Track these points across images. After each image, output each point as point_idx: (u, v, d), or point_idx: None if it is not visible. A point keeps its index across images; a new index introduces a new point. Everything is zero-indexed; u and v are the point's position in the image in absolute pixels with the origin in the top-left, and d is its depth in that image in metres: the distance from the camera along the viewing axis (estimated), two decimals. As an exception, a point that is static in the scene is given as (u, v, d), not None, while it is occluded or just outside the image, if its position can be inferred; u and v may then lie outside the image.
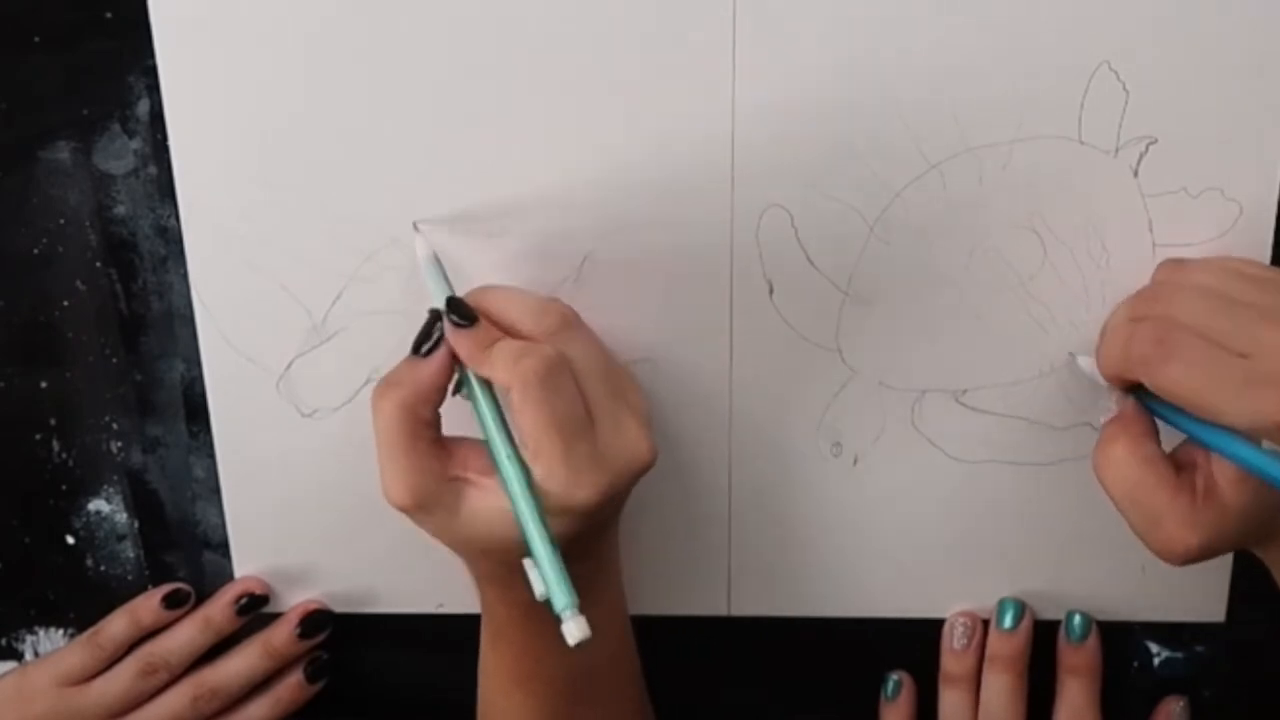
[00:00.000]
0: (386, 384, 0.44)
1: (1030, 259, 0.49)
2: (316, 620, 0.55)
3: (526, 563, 0.41)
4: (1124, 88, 0.47)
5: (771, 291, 0.50)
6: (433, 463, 0.44)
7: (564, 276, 0.50)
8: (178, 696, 0.54)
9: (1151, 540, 0.44)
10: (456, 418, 0.45)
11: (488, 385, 0.44)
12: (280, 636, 0.55)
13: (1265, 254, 0.49)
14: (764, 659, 0.57)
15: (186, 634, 0.54)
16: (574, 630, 0.40)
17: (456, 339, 0.44)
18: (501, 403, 0.44)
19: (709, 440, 0.52)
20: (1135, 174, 0.48)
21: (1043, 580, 0.54)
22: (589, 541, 0.46)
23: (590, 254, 0.49)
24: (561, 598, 0.40)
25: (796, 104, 0.47)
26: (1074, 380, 0.51)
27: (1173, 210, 0.48)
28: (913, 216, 0.49)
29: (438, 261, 0.47)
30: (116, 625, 0.54)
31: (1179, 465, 0.45)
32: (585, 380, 0.44)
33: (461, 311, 0.44)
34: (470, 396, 0.45)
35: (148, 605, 0.55)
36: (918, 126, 0.47)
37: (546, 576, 0.41)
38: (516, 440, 0.43)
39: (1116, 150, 0.48)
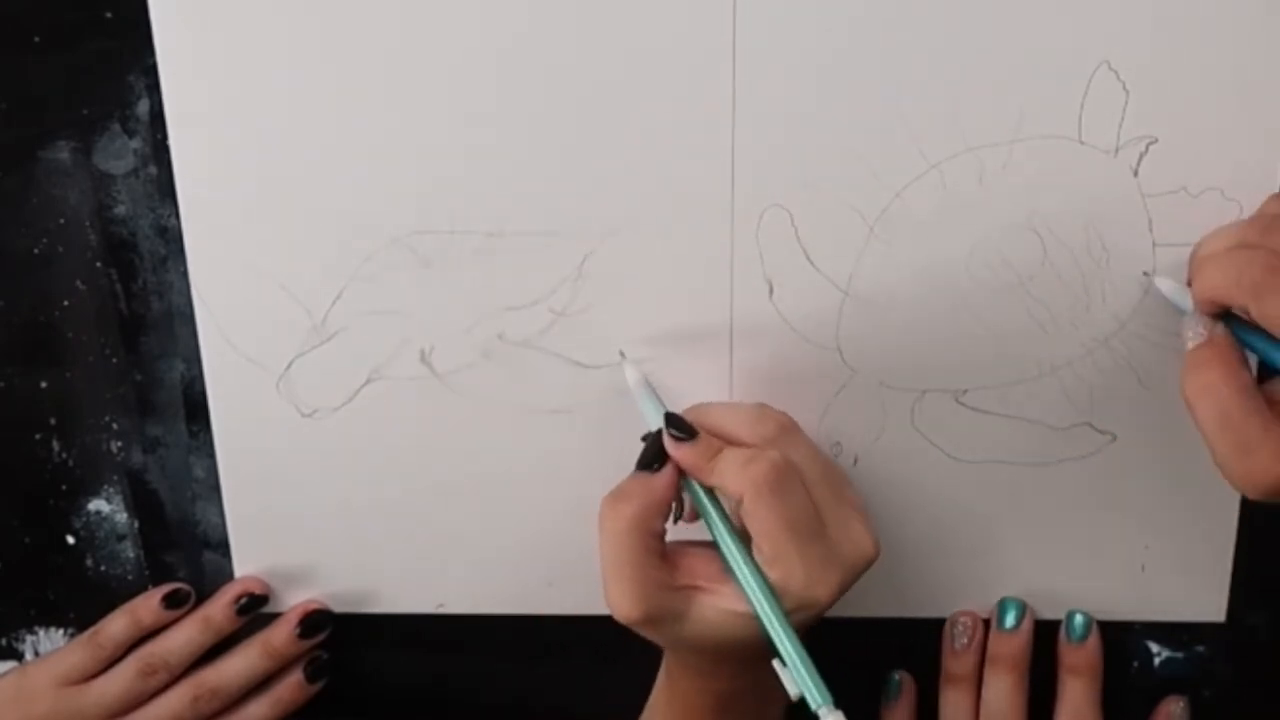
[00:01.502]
0: (615, 499, 0.45)
1: (1030, 259, 0.49)
2: (317, 620, 0.55)
3: (776, 664, 0.43)
4: (1124, 88, 0.47)
5: (771, 291, 0.50)
6: (661, 575, 0.45)
7: (564, 276, 0.50)
8: (177, 696, 0.54)
9: (1238, 469, 0.43)
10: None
11: (712, 496, 0.46)
12: (280, 636, 0.55)
13: (1265, 254, 0.49)
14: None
15: (186, 634, 0.54)
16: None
17: (680, 452, 0.45)
18: (729, 511, 0.45)
19: (709, 440, 0.52)
20: (1135, 174, 0.48)
21: (1043, 580, 0.54)
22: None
23: (590, 254, 0.49)
24: (818, 696, 0.42)
25: (796, 104, 0.47)
26: (1074, 380, 0.51)
27: (1173, 210, 0.48)
28: (913, 216, 0.49)
29: (648, 384, 0.49)
30: (116, 625, 0.54)
31: (1269, 399, 0.44)
32: (810, 483, 0.45)
33: (681, 426, 0.46)
34: (699, 507, 0.46)
35: (148, 605, 0.55)
36: (918, 126, 0.47)
37: (801, 678, 0.43)
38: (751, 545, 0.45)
39: (1116, 150, 0.48)
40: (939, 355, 0.51)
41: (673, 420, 0.46)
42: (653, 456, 0.46)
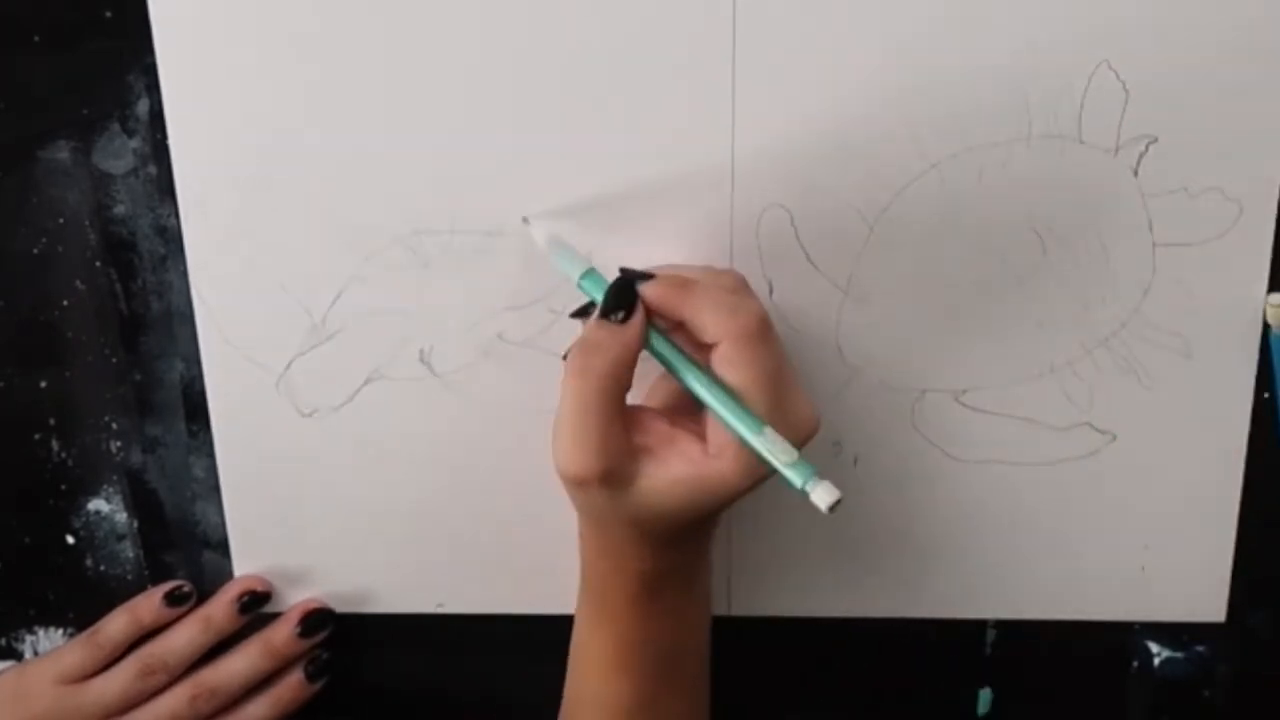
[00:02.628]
0: (583, 351, 0.43)
1: (1030, 259, 0.49)
2: (317, 619, 0.55)
3: (756, 442, 0.41)
4: (1124, 88, 0.47)
5: (771, 291, 0.50)
6: (622, 432, 0.43)
7: (564, 276, 0.50)
8: (176, 696, 0.54)
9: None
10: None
11: (675, 345, 0.44)
12: (281, 636, 0.55)
13: (1265, 254, 0.49)
14: (764, 659, 0.57)
15: (187, 634, 0.54)
16: (824, 494, 0.41)
17: (651, 289, 0.43)
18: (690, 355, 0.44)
19: (709, 440, 0.52)
20: (1135, 174, 0.48)
21: (1043, 580, 0.54)
22: (710, 525, 0.46)
23: (590, 254, 0.49)
24: (804, 469, 0.41)
25: (796, 104, 0.47)
26: (1074, 380, 0.51)
27: (1173, 210, 0.48)
28: (913, 216, 0.49)
29: (563, 241, 0.46)
30: (116, 624, 0.54)
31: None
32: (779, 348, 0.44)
33: (636, 272, 0.44)
34: (655, 353, 0.44)
35: (148, 604, 0.54)
36: (918, 126, 0.47)
37: (777, 452, 0.41)
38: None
39: (1116, 150, 0.48)
40: (939, 355, 0.51)
41: (625, 270, 0.44)
42: (618, 302, 0.43)
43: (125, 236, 0.51)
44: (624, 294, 0.43)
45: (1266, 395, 0.51)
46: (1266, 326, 0.49)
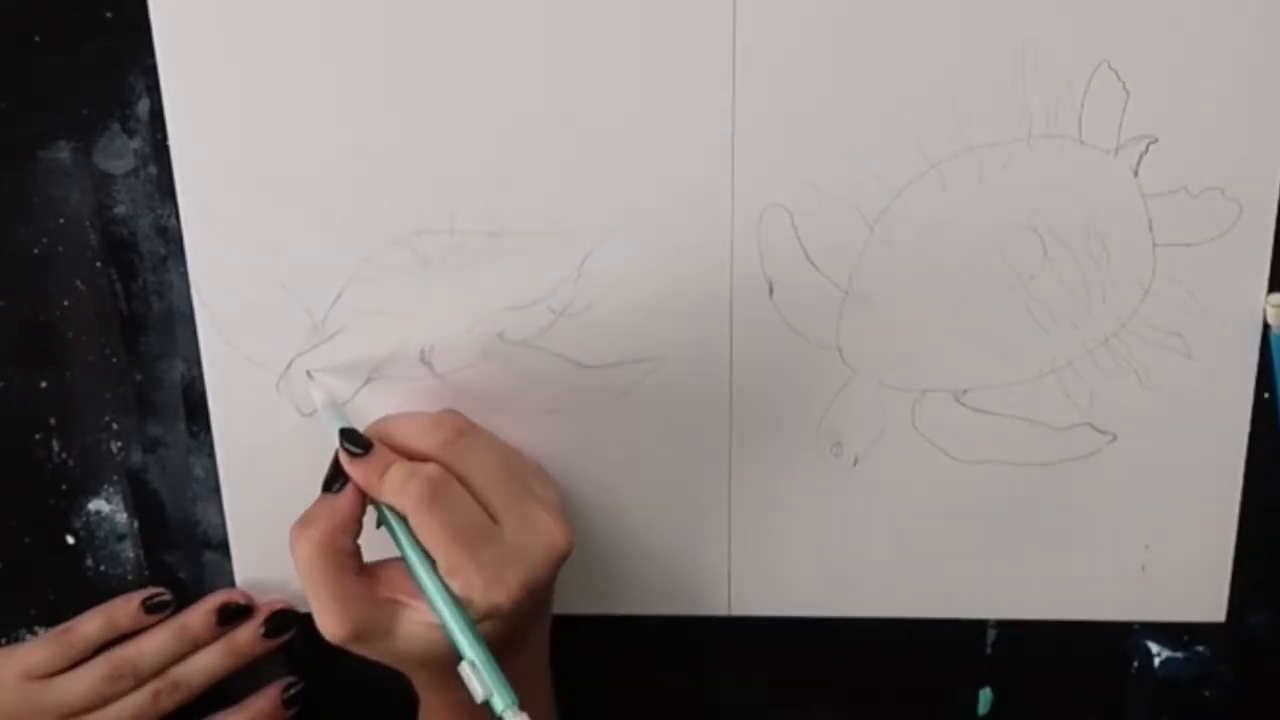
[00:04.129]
0: (301, 525, 0.46)
1: (1030, 259, 0.49)
2: (282, 620, 0.55)
3: (462, 669, 0.43)
4: (1124, 88, 0.47)
5: (771, 291, 0.50)
6: (361, 591, 0.45)
7: (564, 276, 0.50)
8: (139, 693, 0.53)
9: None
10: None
11: (394, 510, 0.45)
12: (245, 635, 0.54)
13: (1265, 254, 0.49)
14: (764, 659, 0.57)
15: (160, 640, 0.54)
16: None
17: (353, 468, 0.46)
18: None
19: (709, 440, 0.52)
20: (1135, 174, 0.48)
21: (1043, 580, 0.54)
22: (523, 636, 0.48)
23: (590, 254, 0.49)
24: (501, 699, 0.43)
25: (796, 104, 0.47)
26: (1074, 380, 0.51)
27: (1173, 210, 0.48)
28: (913, 216, 0.49)
29: (333, 401, 0.50)
30: (90, 625, 0.54)
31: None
32: (482, 485, 0.45)
33: (355, 440, 0.46)
34: (384, 523, 0.46)
35: (125, 608, 0.54)
36: (918, 126, 0.47)
37: (485, 681, 0.43)
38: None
39: (1116, 150, 0.48)
40: (939, 355, 0.51)
41: (347, 435, 0.46)
42: (333, 475, 0.46)
43: (125, 236, 0.51)
44: (338, 469, 0.46)
45: (1266, 395, 0.51)
46: (1266, 326, 0.49)
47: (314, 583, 0.45)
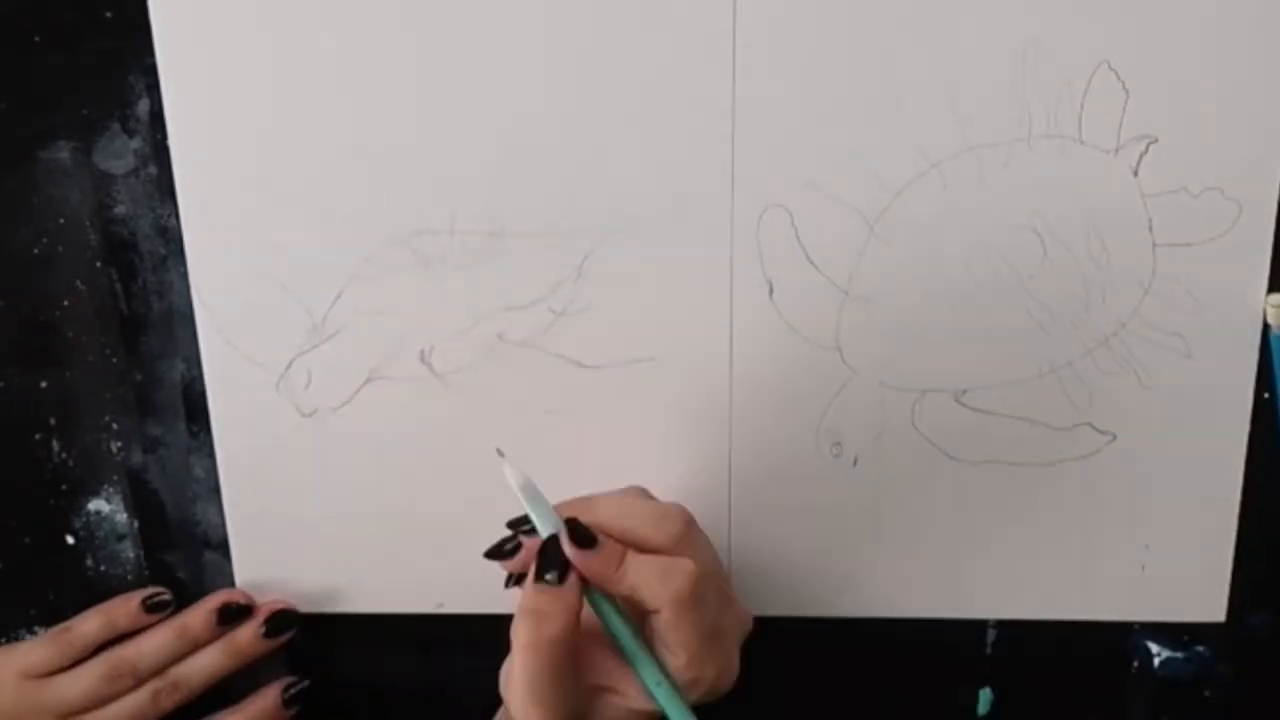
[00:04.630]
0: (534, 620, 0.43)
1: (1030, 259, 0.49)
2: (282, 620, 0.55)
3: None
4: (1124, 88, 0.47)
5: (771, 291, 0.50)
6: (574, 684, 0.44)
7: (564, 276, 0.50)
8: (138, 692, 0.53)
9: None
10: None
11: (609, 599, 0.44)
12: (245, 634, 0.54)
13: (1265, 254, 0.49)
14: (764, 659, 0.57)
15: (160, 640, 0.54)
16: None
17: (586, 563, 0.43)
18: (620, 609, 0.45)
19: (709, 440, 0.52)
20: (1135, 174, 0.48)
21: (1043, 580, 0.54)
22: None
23: (590, 254, 0.49)
24: None
25: (796, 104, 0.47)
26: (1074, 380, 0.51)
27: (1173, 210, 0.48)
28: (913, 216, 0.49)
29: (534, 486, 0.44)
30: (90, 624, 0.54)
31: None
32: (713, 578, 0.45)
33: (583, 536, 0.43)
34: (600, 614, 0.44)
35: (125, 608, 0.54)
36: (918, 126, 0.47)
37: None
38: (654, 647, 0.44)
39: (1116, 150, 0.48)
40: (939, 355, 0.51)
41: (575, 530, 0.43)
42: (553, 564, 0.43)
43: (125, 236, 0.51)
44: (558, 560, 0.43)
45: (1266, 395, 0.51)
46: (1266, 326, 0.49)
47: (538, 680, 0.43)
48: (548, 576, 0.43)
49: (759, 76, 0.47)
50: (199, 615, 0.54)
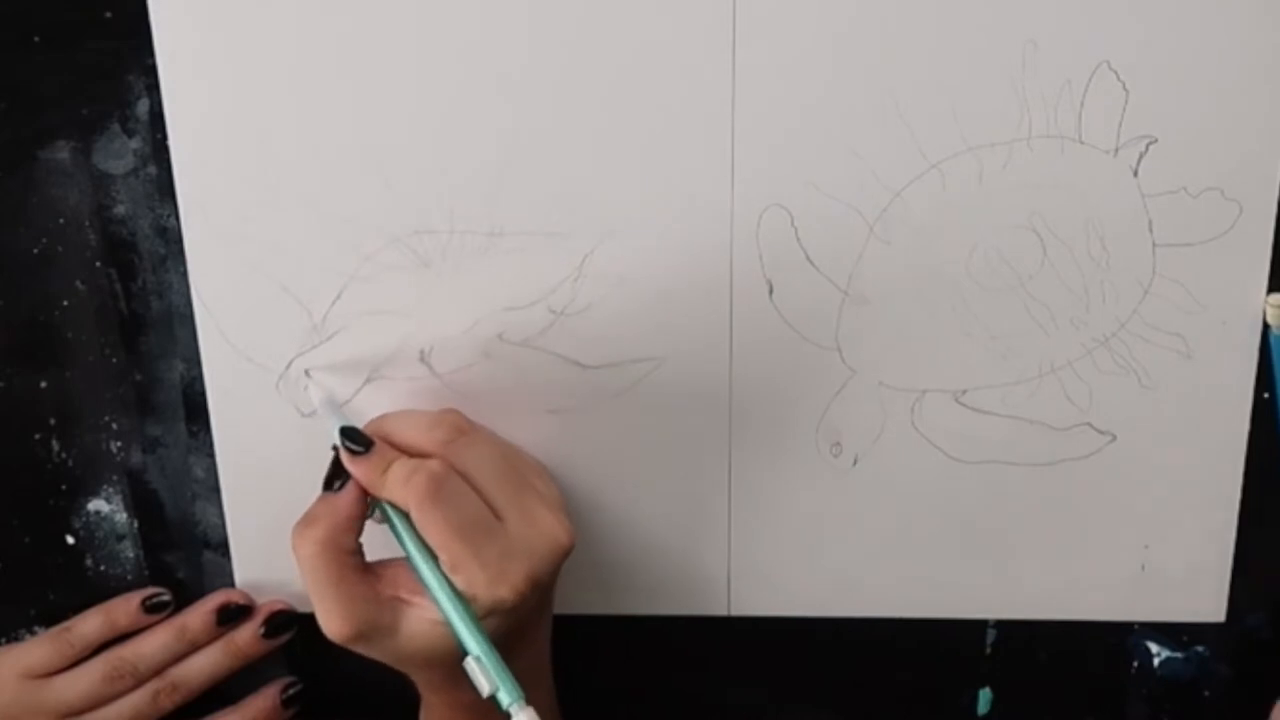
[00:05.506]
0: (303, 524, 0.46)
1: (1030, 259, 0.49)
2: (282, 621, 0.55)
3: (468, 664, 0.43)
4: (1124, 88, 0.47)
5: (771, 291, 0.50)
6: (364, 590, 0.45)
7: (564, 276, 0.50)
8: (138, 693, 0.53)
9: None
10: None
11: (397, 508, 0.45)
12: (244, 635, 0.54)
13: (1265, 254, 0.49)
14: (764, 659, 0.57)
15: (160, 640, 0.54)
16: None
17: (355, 466, 0.46)
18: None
19: (709, 440, 0.52)
20: (1135, 174, 0.48)
21: (1043, 580, 0.54)
22: (525, 633, 0.48)
23: (590, 254, 0.49)
24: (508, 693, 0.42)
25: (796, 104, 0.47)
26: (1074, 380, 0.51)
27: (1173, 210, 0.48)
28: (913, 216, 0.49)
29: (332, 400, 0.50)
30: (90, 624, 0.54)
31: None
32: (484, 481, 0.46)
33: (356, 439, 0.46)
34: (385, 520, 0.46)
35: (125, 608, 0.54)
36: (918, 126, 0.47)
37: (491, 675, 0.43)
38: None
39: (1116, 150, 0.48)
40: (939, 355, 0.51)
41: (348, 433, 0.46)
42: (333, 474, 0.46)
43: (125, 236, 0.51)
44: (338, 468, 0.46)
45: (1266, 395, 0.51)
46: (1266, 326, 0.49)
47: (317, 582, 0.45)
48: (334, 485, 0.46)
49: (759, 76, 0.47)
50: (198, 615, 0.54)
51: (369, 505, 0.46)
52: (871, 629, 0.55)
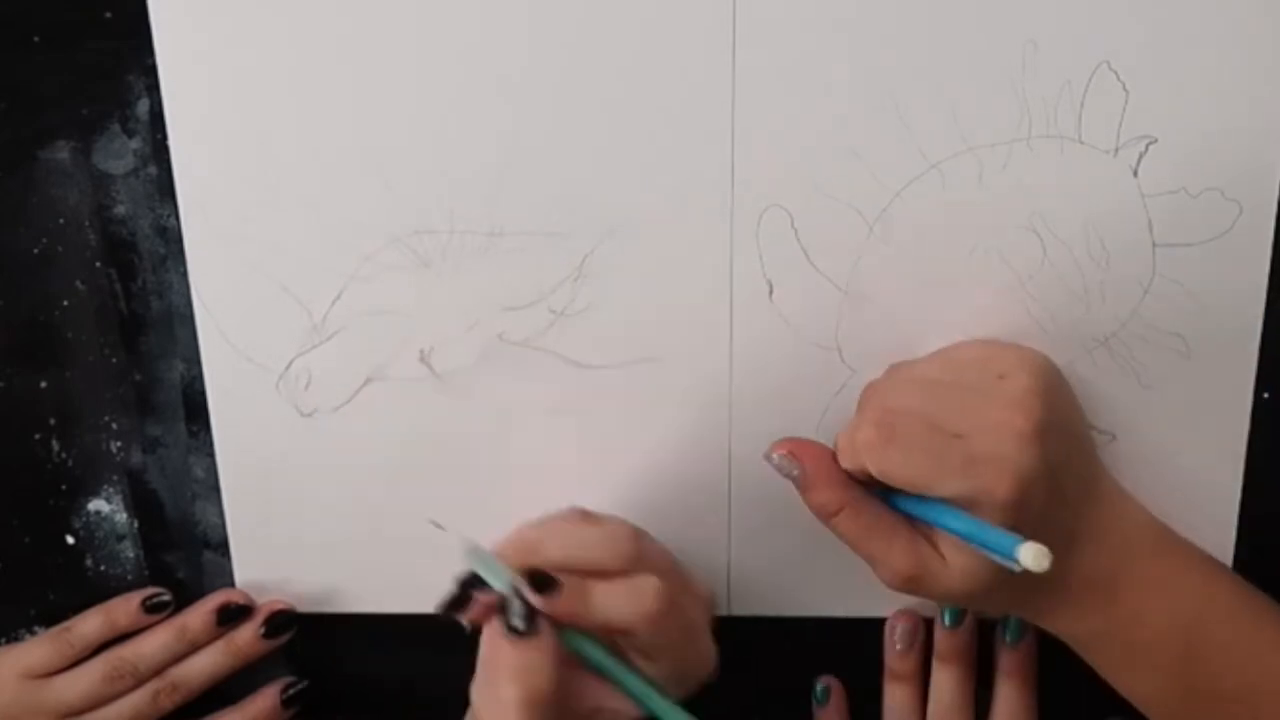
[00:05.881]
0: (520, 674, 0.42)
1: (1030, 259, 0.49)
2: (282, 620, 0.55)
3: None
4: (1124, 88, 0.47)
5: (771, 291, 0.50)
6: (568, 717, 0.44)
7: (564, 276, 0.50)
8: (138, 693, 0.53)
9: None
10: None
11: (587, 634, 0.44)
12: (245, 635, 0.54)
13: (1265, 254, 0.49)
14: (764, 659, 0.57)
15: (160, 640, 0.54)
16: None
17: (553, 607, 0.42)
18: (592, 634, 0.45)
19: (709, 440, 0.52)
20: (1135, 174, 0.48)
21: (1043, 580, 0.54)
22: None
23: (590, 254, 0.49)
24: None
25: (796, 104, 0.47)
26: (1074, 380, 0.51)
27: (1173, 210, 0.48)
28: (913, 216, 0.49)
29: (480, 548, 0.44)
30: (90, 624, 0.54)
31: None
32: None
33: (543, 582, 0.42)
34: (573, 647, 0.44)
35: (125, 608, 0.54)
36: (918, 126, 0.47)
37: None
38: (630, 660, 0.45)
39: (1116, 150, 0.48)
40: (939, 355, 0.51)
41: (536, 577, 0.42)
42: (518, 614, 0.42)
43: (125, 236, 0.51)
44: (520, 610, 0.42)
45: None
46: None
47: None
48: (517, 625, 0.42)
49: (759, 77, 0.47)
50: (199, 615, 0.54)
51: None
52: (871, 629, 0.55)
